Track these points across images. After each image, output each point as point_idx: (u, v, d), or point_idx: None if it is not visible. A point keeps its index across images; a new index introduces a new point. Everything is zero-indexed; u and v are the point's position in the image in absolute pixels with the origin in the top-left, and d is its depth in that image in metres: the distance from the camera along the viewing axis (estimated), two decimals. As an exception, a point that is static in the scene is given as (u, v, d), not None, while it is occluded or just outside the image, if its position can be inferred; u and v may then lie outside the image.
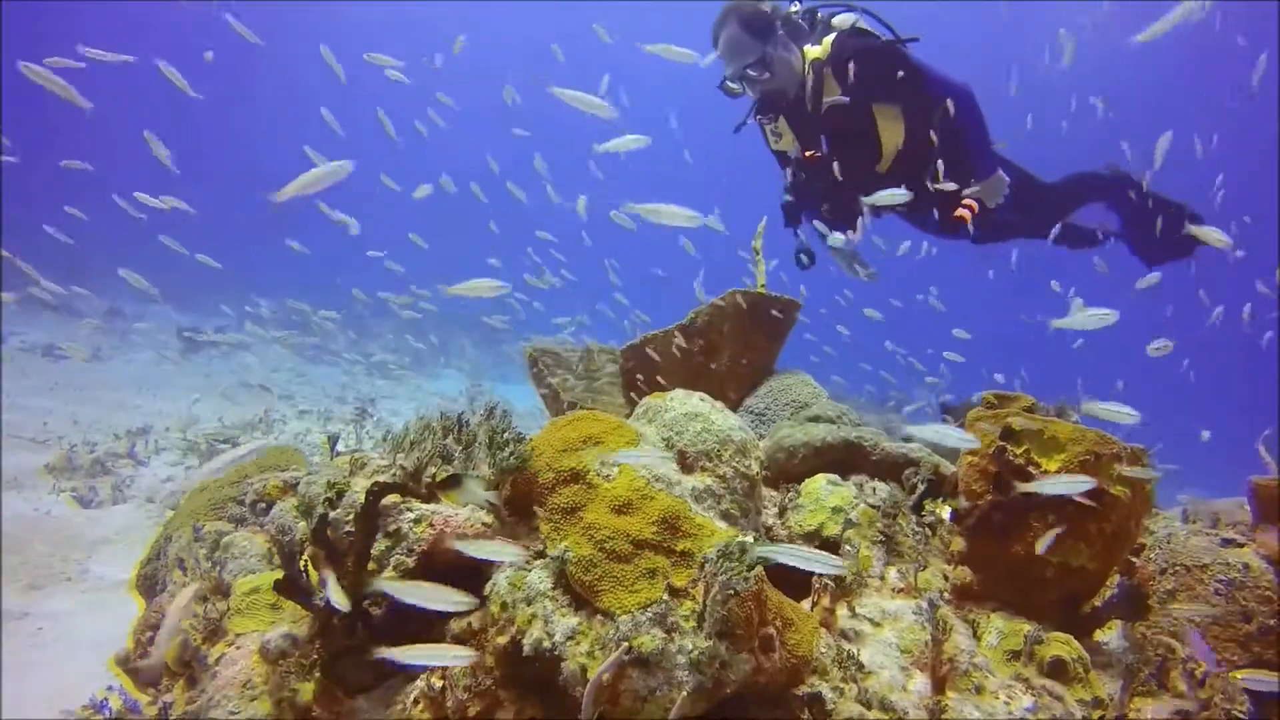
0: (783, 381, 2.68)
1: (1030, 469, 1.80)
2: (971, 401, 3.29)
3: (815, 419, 2.46)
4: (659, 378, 2.78)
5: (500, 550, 1.28)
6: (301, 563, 1.44)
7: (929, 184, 3.05)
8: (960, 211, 3.04)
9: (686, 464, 1.57)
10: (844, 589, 1.80)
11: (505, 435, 1.46)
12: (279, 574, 1.50)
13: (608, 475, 1.43)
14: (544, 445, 1.48)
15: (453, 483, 1.34)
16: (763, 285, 2.99)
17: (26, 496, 4.41)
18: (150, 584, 2.49)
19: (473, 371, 13.05)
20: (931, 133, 3.05)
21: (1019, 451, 1.83)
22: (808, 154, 3.30)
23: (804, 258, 3.48)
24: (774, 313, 2.75)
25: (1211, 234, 2.54)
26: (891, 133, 3.15)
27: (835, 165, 3.18)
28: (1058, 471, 1.77)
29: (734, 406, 2.72)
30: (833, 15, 3.16)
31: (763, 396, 2.66)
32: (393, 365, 11.45)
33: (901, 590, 1.94)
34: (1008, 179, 3.12)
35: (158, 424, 6.22)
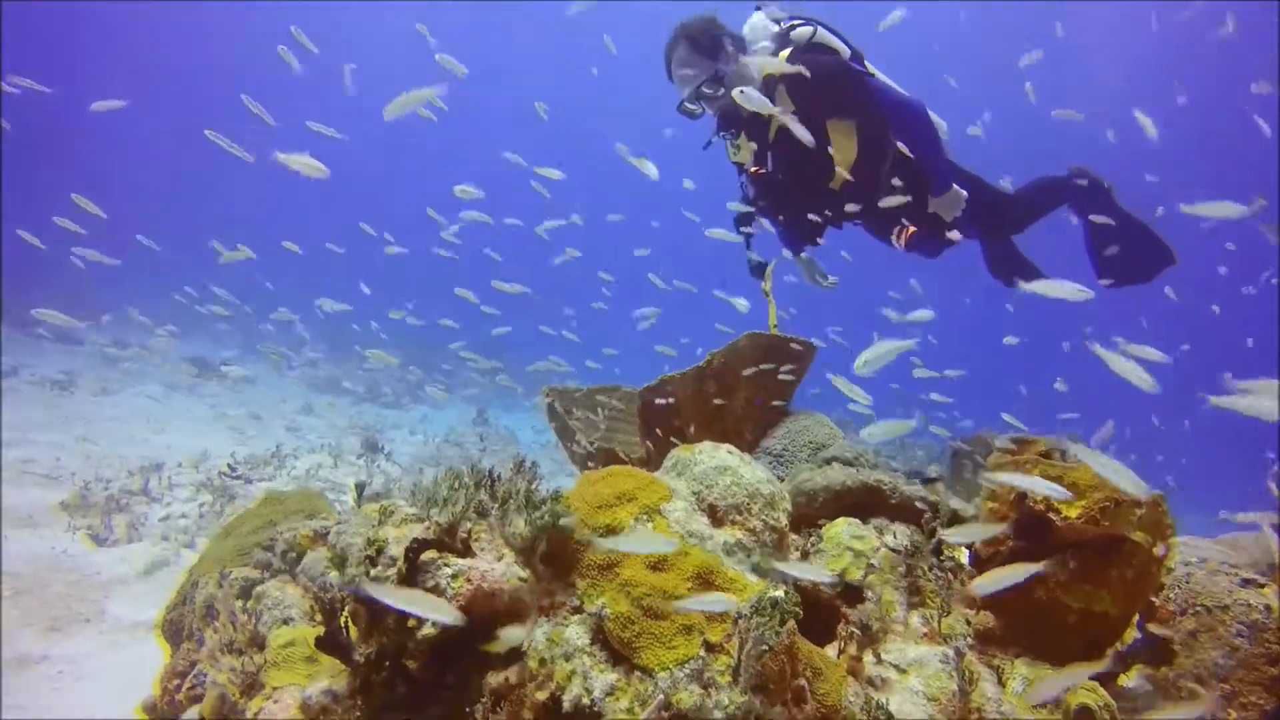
0: (799, 422, 2.72)
1: (1051, 515, 1.83)
2: (982, 436, 3.32)
3: (833, 461, 2.49)
4: (676, 420, 2.81)
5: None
6: (342, 619, 1.47)
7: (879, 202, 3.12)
8: (910, 232, 3.09)
9: (717, 518, 1.60)
10: (870, 636, 1.82)
11: (540, 493, 1.49)
12: (318, 630, 1.53)
13: (642, 531, 1.46)
14: (579, 501, 1.51)
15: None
16: (774, 326, 3.04)
17: (42, 535, 4.43)
18: (176, 629, 2.51)
19: (476, 401, 13.09)
20: (875, 161, 3.10)
21: (1039, 498, 1.86)
22: (753, 170, 3.36)
23: (758, 267, 3.50)
24: (789, 353, 2.80)
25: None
26: (844, 149, 3.18)
27: (784, 181, 3.26)
28: (1078, 518, 1.80)
29: (751, 448, 2.75)
30: (793, 28, 3.22)
31: (780, 438, 2.69)
32: (394, 394, 11.50)
33: (925, 635, 1.96)
34: (965, 194, 3.15)
35: (169, 459, 6.25)
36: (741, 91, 2.51)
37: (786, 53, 3.14)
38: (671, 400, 2.79)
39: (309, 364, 12.10)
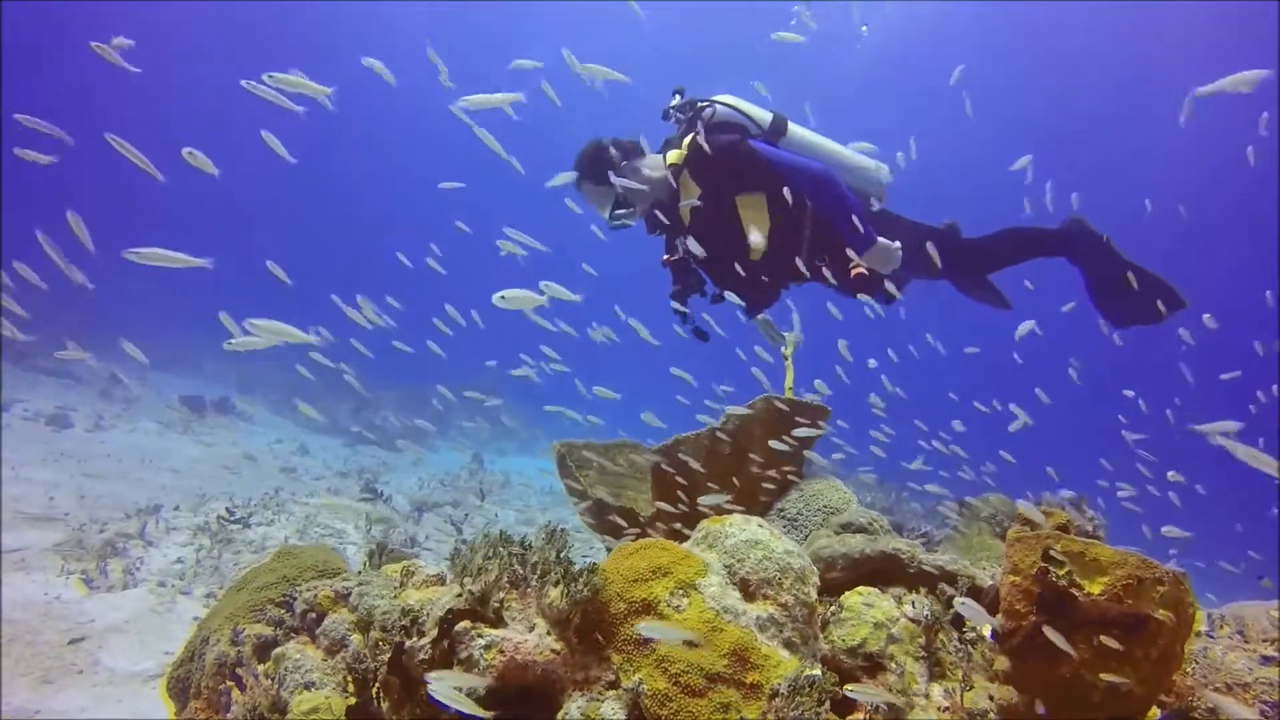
0: (813, 487, 2.73)
1: (1074, 591, 1.85)
2: (986, 498, 3.33)
3: (848, 525, 2.50)
4: (689, 481, 2.82)
5: None
6: (374, 689, 1.46)
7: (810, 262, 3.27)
8: (857, 272, 3.15)
9: (749, 592, 1.61)
10: (895, 710, 1.81)
11: (577, 564, 1.50)
12: (347, 700, 1.52)
13: (678, 606, 1.47)
14: (613, 574, 1.52)
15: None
16: (789, 390, 3.08)
17: (35, 579, 4.35)
18: (183, 686, 2.46)
19: (471, 444, 13.04)
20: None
21: (1061, 573, 1.87)
22: (664, 259, 3.51)
23: (700, 331, 3.61)
24: (803, 419, 2.83)
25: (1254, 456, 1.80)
26: (758, 221, 3.26)
27: (706, 261, 3.37)
28: (1101, 595, 1.81)
29: (764, 511, 2.76)
30: (702, 110, 3.34)
31: (795, 502, 2.70)
32: (399, 439, 11.44)
33: (947, 709, 1.95)
34: (898, 245, 3.19)
35: (164, 499, 6.18)
36: None
37: (690, 138, 3.25)
38: (685, 461, 2.81)
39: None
